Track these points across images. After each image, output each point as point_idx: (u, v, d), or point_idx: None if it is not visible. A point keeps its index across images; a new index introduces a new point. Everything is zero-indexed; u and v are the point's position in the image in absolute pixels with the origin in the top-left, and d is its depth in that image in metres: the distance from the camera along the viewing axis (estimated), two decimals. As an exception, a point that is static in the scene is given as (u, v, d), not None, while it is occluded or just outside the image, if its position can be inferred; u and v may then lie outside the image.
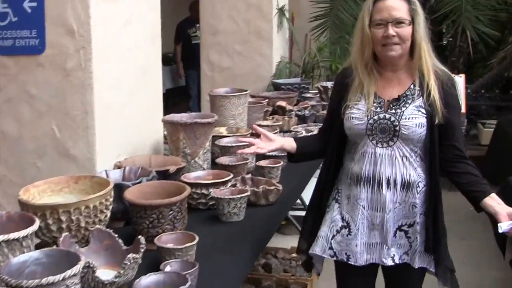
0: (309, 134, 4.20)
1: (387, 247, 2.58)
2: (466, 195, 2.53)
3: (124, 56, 3.19)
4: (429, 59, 2.52)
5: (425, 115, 2.48)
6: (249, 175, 3.20)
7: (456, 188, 2.56)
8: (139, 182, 2.63)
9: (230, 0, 6.57)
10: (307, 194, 5.24)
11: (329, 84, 5.62)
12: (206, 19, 6.71)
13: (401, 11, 2.46)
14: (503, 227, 2.34)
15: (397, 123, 2.49)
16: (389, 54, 2.49)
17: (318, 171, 3.63)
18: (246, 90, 4.14)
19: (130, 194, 2.48)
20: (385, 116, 2.52)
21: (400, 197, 2.55)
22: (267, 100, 5.16)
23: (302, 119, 4.89)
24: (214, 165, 3.37)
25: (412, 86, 2.54)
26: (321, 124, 3.14)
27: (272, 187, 2.94)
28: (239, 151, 2.70)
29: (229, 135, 3.73)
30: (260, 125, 4.22)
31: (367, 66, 2.57)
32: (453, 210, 6.11)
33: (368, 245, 2.61)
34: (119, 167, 2.93)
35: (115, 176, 2.81)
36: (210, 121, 3.21)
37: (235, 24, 6.61)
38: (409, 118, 2.48)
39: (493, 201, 2.44)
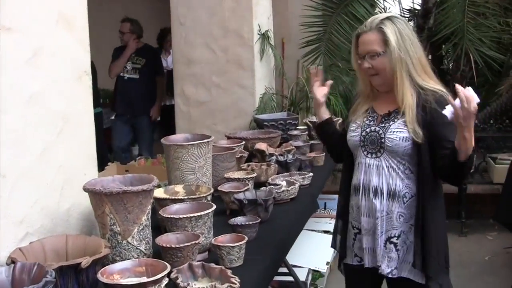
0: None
1: (378, 255, 2.72)
2: (449, 160, 2.53)
3: (30, 102, 2.37)
4: (404, 82, 2.65)
5: (410, 130, 2.64)
6: (200, 262, 2.35)
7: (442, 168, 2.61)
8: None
9: (205, 25, 5.81)
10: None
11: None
12: (179, 47, 5.95)
13: (372, 44, 2.68)
14: (447, 113, 2.41)
15: (383, 136, 2.69)
16: (373, 83, 2.79)
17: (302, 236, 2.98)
18: (209, 137, 3.31)
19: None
20: (375, 129, 2.75)
21: (387, 206, 2.69)
22: (243, 142, 4.36)
23: (284, 166, 4.06)
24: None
25: (400, 104, 2.69)
26: (308, 172, 4.00)
27: (225, 285, 2.09)
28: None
29: (183, 198, 2.91)
30: (229, 178, 3.48)
31: (367, 89, 2.85)
32: (465, 262, 5.41)
33: (369, 249, 2.77)
34: (13, 261, 2.11)
35: (1, 277, 1.98)
36: (146, 189, 2.38)
37: (211, 52, 5.84)
38: (394, 132, 2.67)
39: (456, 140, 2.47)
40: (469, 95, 2.33)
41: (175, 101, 6.09)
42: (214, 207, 2.68)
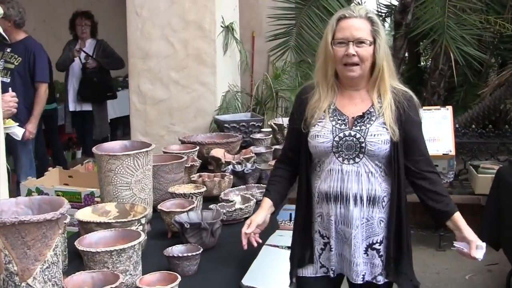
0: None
1: (355, 264, 2.56)
2: (430, 211, 2.64)
3: None
4: (387, 80, 2.57)
5: (389, 132, 2.53)
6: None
7: (420, 201, 2.65)
8: None
9: (163, 16, 5.30)
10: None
11: (286, 121, 4.32)
12: (134, 39, 5.43)
13: (363, 31, 2.52)
14: (455, 245, 2.60)
15: (363, 140, 2.52)
16: (349, 75, 2.55)
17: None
18: (149, 145, 2.83)
19: None
20: (350, 133, 2.55)
21: (367, 213, 2.56)
22: (197, 148, 3.88)
23: (241, 178, 3.58)
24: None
25: (374, 104, 2.57)
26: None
27: None
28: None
29: (110, 222, 2.42)
30: (174, 194, 3.02)
31: (329, 83, 2.60)
32: (444, 281, 4.97)
33: (340, 255, 2.61)
34: None
35: None
36: (50, 218, 1.89)
37: (169, 45, 5.34)
38: (374, 135, 2.52)
39: (454, 224, 2.59)
40: (474, 256, 2.55)
41: (130, 99, 5.57)
42: (142, 237, 2.19)
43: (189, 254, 2.36)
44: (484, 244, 2.55)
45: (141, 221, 2.47)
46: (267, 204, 2.70)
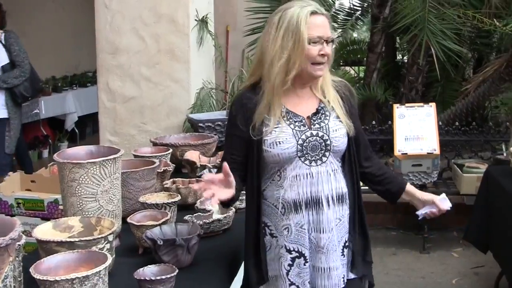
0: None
1: (334, 269, 2.44)
2: (385, 193, 2.66)
3: None
4: (328, 74, 2.51)
5: (345, 126, 2.48)
6: None
7: (372, 186, 2.66)
8: None
9: (134, 9, 5.04)
10: None
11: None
12: (103, 33, 5.18)
13: (329, 29, 2.42)
14: (419, 214, 2.62)
15: (327, 137, 2.43)
16: (318, 74, 2.42)
17: None
18: (117, 151, 2.55)
19: None
20: (312, 133, 2.43)
21: (339, 212, 2.47)
22: (170, 150, 3.61)
23: (218, 183, 3.31)
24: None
25: (323, 99, 2.48)
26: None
27: None
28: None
29: (72, 240, 2.13)
30: (145, 204, 2.76)
31: (285, 84, 2.38)
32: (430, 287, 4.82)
33: (313, 267, 2.45)
34: None
35: None
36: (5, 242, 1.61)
37: (140, 40, 5.07)
38: (335, 130, 2.45)
39: (408, 195, 2.63)
40: (444, 209, 2.56)
41: (98, 96, 5.27)
42: (109, 261, 1.91)
43: (163, 277, 2.09)
44: (443, 194, 2.61)
45: (108, 239, 2.19)
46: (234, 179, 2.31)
